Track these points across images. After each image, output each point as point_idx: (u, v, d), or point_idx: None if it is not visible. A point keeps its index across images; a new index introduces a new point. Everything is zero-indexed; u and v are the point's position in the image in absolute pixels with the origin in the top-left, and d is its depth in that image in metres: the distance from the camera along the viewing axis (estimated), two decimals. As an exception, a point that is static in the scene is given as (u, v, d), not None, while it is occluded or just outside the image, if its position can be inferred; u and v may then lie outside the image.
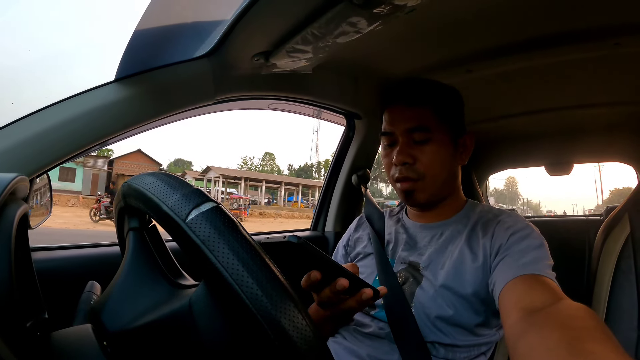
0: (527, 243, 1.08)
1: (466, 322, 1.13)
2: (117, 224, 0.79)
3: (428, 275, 1.19)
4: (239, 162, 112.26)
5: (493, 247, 1.13)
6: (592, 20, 1.31)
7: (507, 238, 1.12)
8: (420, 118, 1.23)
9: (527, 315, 0.79)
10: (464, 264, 1.15)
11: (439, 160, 1.24)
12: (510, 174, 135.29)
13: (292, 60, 1.22)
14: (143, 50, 1.09)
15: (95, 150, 1.13)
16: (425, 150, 1.22)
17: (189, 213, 0.53)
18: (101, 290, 0.77)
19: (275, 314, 0.49)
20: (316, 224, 2.26)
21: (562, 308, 0.76)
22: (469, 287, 1.12)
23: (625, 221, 1.44)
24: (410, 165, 1.22)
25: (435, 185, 1.26)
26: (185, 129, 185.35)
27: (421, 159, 1.22)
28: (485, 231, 1.19)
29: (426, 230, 1.31)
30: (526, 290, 0.92)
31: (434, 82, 1.32)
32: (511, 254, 1.06)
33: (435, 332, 1.13)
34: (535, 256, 1.03)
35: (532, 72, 1.67)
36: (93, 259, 1.31)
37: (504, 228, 1.16)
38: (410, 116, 1.24)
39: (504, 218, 1.21)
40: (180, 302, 0.60)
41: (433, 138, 1.22)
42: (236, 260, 0.50)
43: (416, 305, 1.16)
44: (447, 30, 1.40)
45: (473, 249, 1.17)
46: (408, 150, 1.22)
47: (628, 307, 1.32)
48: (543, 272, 0.97)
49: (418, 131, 1.22)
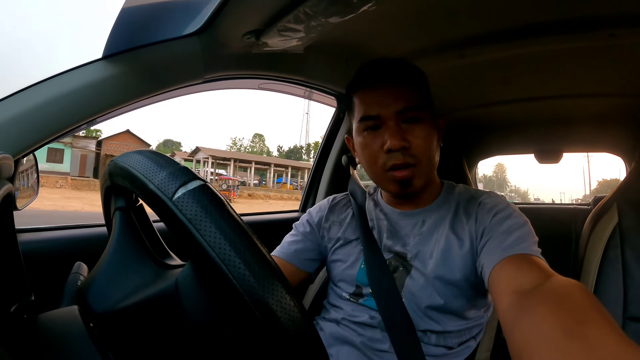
0: (510, 222, 1.07)
1: (457, 308, 1.13)
2: (104, 204, 0.78)
3: (417, 265, 1.17)
4: (229, 143, 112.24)
5: (478, 230, 1.13)
6: (587, 10, 1.31)
7: (491, 219, 1.11)
8: (411, 97, 1.15)
9: (518, 299, 0.78)
10: (452, 251, 1.14)
11: (432, 142, 1.18)
12: (499, 160, 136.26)
13: (284, 39, 1.21)
14: (131, 27, 1.07)
15: (83, 131, 1.11)
16: (417, 132, 1.14)
17: (175, 191, 0.52)
18: (88, 271, 0.76)
19: (263, 294, 0.48)
20: (305, 206, 2.26)
21: (553, 286, 0.74)
22: (459, 273, 1.12)
23: (614, 211, 1.45)
24: (407, 150, 1.13)
25: (431, 169, 1.20)
26: (175, 110, 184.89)
27: (414, 141, 1.13)
28: (468, 215, 1.18)
29: (406, 218, 1.27)
30: (515, 271, 0.90)
31: (409, 63, 1.24)
32: (495, 235, 1.05)
33: (427, 321, 1.13)
34: (519, 235, 1.02)
35: (525, 59, 1.66)
36: (80, 240, 1.30)
37: (486, 209, 1.15)
38: (399, 95, 1.15)
39: (484, 199, 1.19)
40: (167, 282, 0.60)
41: (423, 118, 1.16)
42: (223, 240, 0.49)
43: (406, 295, 1.15)
44: (441, 14, 1.38)
45: (458, 234, 1.16)
46: (401, 133, 1.13)
47: (614, 295, 1.33)
48: (529, 250, 0.97)
49: (411, 110, 1.14)
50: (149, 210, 0.64)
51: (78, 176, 36.20)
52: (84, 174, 38.47)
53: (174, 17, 1.15)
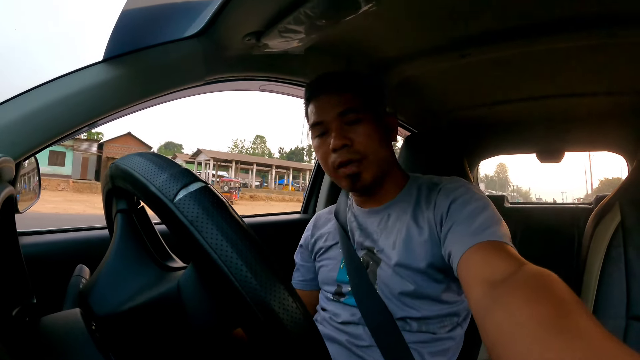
0: (472, 207, 1.07)
1: (430, 292, 1.15)
2: (105, 206, 0.78)
3: (383, 257, 1.22)
4: (230, 145, 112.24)
5: (436, 217, 1.15)
6: (588, 9, 1.31)
7: (449, 205, 1.12)
8: (348, 101, 1.23)
9: (490, 289, 0.76)
10: (412, 239, 1.18)
11: (375, 138, 1.24)
12: (500, 160, 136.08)
13: (284, 40, 1.21)
14: (132, 30, 1.07)
15: (85, 134, 1.11)
16: (359, 130, 1.22)
17: (177, 193, 0.52)
18: (90, 274, 0.76)
19: (265, 295, 0.48)
20: (306, 207, 2.26)
21: (525, 276, 0.73)
22: (421, 261, 1.14)
23: (616, 210, 1.44)
24: (349, 147, 1.22)
25: (377, 162, 1.25)
26: (176, 112, 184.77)
27: (357, 139, 1.22)
28: (428, 202, 1.21)
29: (373, 215, 1.33)
30: (484, 260, 0.89)
31: (352, 72, 1.34)
32: (458, 221, 1.06)
33: (404, 308, 1.15)
34: (483, 220, 1.01)
35: (526, 59, 1.67)
36: (82, 243, 1.30)
37: (444, 195, 1.17)
38: (338, 101, 1.24)
39: (444, 185, 1.22)
40: (169, 284, 0.60)
41: (363, 118, 1.24)
42: (225, 241, 0.49)
43: (379, 286, 1.20)
44: (442, 14, 1.39)
45: (418, 222, 1.19)
46: (343, 133, 1.22)
47: (617, 295, 1.33)
48: (496, 236, 0.95)
49: (349, 112, 1.23)
50: (150, 212, 0.64)
51: (80, 179, 36.22)
52: (85, 177, 38.48)
53: (175, 19, 1.15)
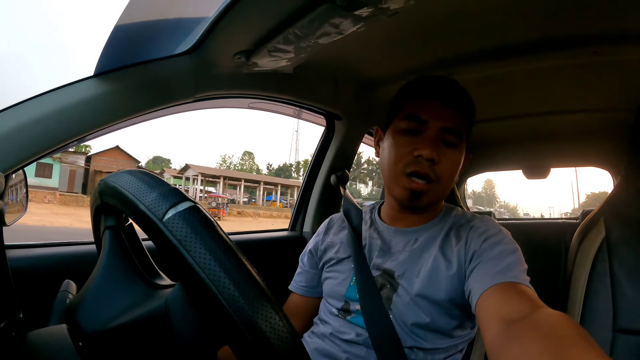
0: (501, 248, 1.07)
1: (443, 327, 1.13)
2: (94, 222, 0.78)
3: (403, 284, 1.17)
4: (218, 160, 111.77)
5: (467, 253, 1.12)
6: (572, 28, 1.33)
7: (481, 244, 1.11)
8: (458, 122, 1.18)
9: (506, 327, 0.79)
10: (438, 272, 1.14)
11: (457, 168, 1.21)
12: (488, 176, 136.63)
13: (274, 59, 1.22)
14: (124, 45, 1.07)
15: (73, 146, 1.11)
16: (450, 154, 1.17)
17: (165, 212, 0.53)
18: (77, 289, 0.76)
19: (252, 314, 0.49)
20: (294, 224, 2.25)
21: (541, 317, 0.75)
22: (444, 294, 1.12)
23: (601, 225, 1.45)
24: (433, 164, 1.15)
25: (444, 192, 1.23)
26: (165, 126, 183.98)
27: (444, 161, 1.16)
28: (458, 237, 1.18)
29: (401, 235, 1.27)
30: (504, 299, 0.91)
31: (465, 91, 1.25)
32: (485, 260, 1.05)
33: (414, 338, 1.13)
34: (509, 262, 1.02)
35: (511, 77, 1.69)
36: (69, 258, 1.29)
37: (477, 234, 1.15)
38: (451, 116, 1.18)
39: (476, 223, 1.20)
40: (157, 302, 0.60)
41: (458, 145, 1.19)
42: (213, 261, 0.50)
43: (393, 312, 1.15)
44: (429, 34, 1.41)
45: (447, 256, 1.16)
46: (437, 148, 1.15)
47: (603, 309, 1.34)
48: (519, 279, 0.97)
49: (452, 134, 1.17)
50: (138, 229, 0.64)
51: (67, 192, 35.82)
52: (72, 190, 38.08)
53: (166, 36, 1.16)
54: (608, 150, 2.57)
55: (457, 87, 1.23)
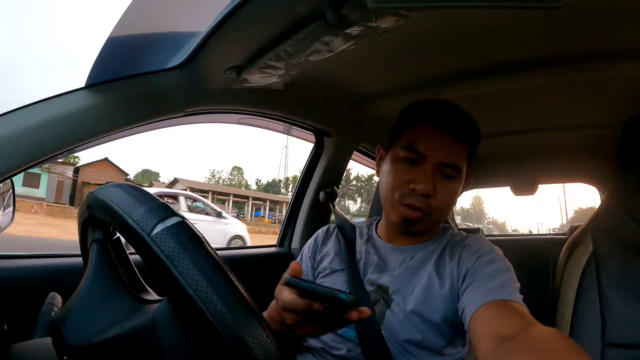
0: (494, 267, 1.08)
1: (434, 345, 1.13)
2: (81, 235, 0.78)
3: (397, 300, 1.17)
4: (207, 175, 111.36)
5: (460, 271, 1.13)
6: (559, 47, 1.36)
7: (474, 262, 1.12)
8: (458, 156, 1.17)
9: (500, 343, 0.80)
10: (432, 291, 1.14)
11: (453, 199, 1.21)
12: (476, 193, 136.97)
13: (264, 76, 1.23)
14: (116, 58, 1.08)
15: (62, 157, 1.10)
16: (447, 186, 1.17)
17: (154, 227, 0.53)
18: (63, 302, 0.76)
19: (239, 331, 0.49)
20: (282, 240, 2.24)
21: (534, 333, 0.77)
22: (437, 313, 1.12)
23: (588, 240, 1.47)
24: (428, 198, 1.14)
25: (439, 219, 1.24)
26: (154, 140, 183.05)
27: (439, 193, 1.15)
28: (452, 256, 1.18)
29: (398, 252, 1.27)
30: (496, 316, 0.92)
31: (473, 120, 1.23)
32: (478, 278, 1.06)
33: (404, 354, 1.13)
34: (502, 280, 1.03)
35: (499, 95, 1.71)
36: (55, 270, 1.28)
37: (470, 252, 1.15)
38: (451, 150, 1.16)
39: (469, 242, 1.21)
40: (143, 317, 0.60)
41: (458, 178, 1.19)
42: (200, 276, 0.50)
43: (385, 328, 1.15)
44: (419, 53, 1.42)
45: (441, 274, 1.16)
46: (434, 181, 1.14)
47: (591, 323, 1.35)
48: (512, 296, 0.98)
49: (452, 168, 1.16)
50: (126, 243, 0.64)
51: (54, 202, 35.46)
52: (59, 201, 37.71)
53: (158, 50, 1.16)
54: (595, 166, 2.61)
55: (464, 117, 1.22)
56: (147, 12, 1.07)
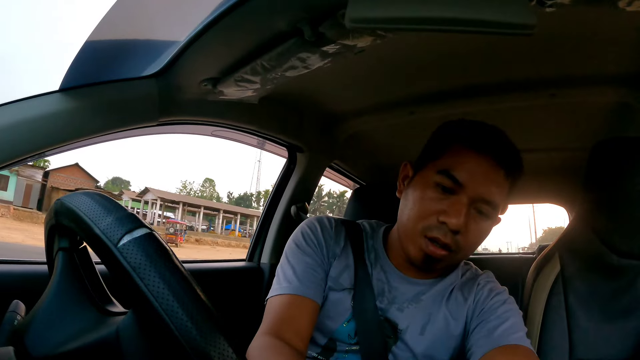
0: (506, 308, 1.06)
1: None
2: (47, 242, 0.77)
3: (407, 340, 1.08)
4: (179, 186, 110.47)
5: (475, 311, 1.09)
6: (531, 72, 1.41)
7: (487, 301, 1.09)
8: (500, 192, 1.04)
9: None
10: (444, 331, 1.09)
11: (483, 239, 1.08)
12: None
13: (240, 89, 1.23)
14: (92, 62, 1.07)
15: (32, 160, 1.09)
16: (480, 225, 1.04)
17: (121, 238, 0.52)
18: (26, 310, 0.75)
19: (205, 346, 0.49)
20: (252, 255, 2.20)
21: None
22: (446, 354, 1.09)
23: (556, 260, 1.49)
24: (457, 234, 1.01)
25: (463, 258, 1.14)
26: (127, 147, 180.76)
27: (470, 232, 1.03)
28: (466, 294, 1.13)
29: (409, 284, 1.15)
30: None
31: (520, 157, 1.12)
32: (490, 319, 1.03)
33: None
34: (512, 323, 1.01)
35: (471, 117, 1.73)
36: (19, 276, 1.25)
37: (485, 291, 1.12)
38: (493, 184, 1.03)
39: (482, 280, 1.16)
40: (108, 329, 0.59)
41: (493, 217, 1.07)
42: (167, 290, 0.50)
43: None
44: (393, 73, 1.46)
45: (453, 313, 1.10)
46: (467, 217, 1.01)
47: (560, 341, 1.36)
48: (521, 341, 0.96)
49: (490, 205, 1.03)
50: (92, 252, 0.64)
51: (21, 206, 34.75)
52: (27, 205, 36.91)
53: (135, 57, 1.16)
54: (564, 187, 2.69)
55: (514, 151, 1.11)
56: (126, 19, 1.07)
